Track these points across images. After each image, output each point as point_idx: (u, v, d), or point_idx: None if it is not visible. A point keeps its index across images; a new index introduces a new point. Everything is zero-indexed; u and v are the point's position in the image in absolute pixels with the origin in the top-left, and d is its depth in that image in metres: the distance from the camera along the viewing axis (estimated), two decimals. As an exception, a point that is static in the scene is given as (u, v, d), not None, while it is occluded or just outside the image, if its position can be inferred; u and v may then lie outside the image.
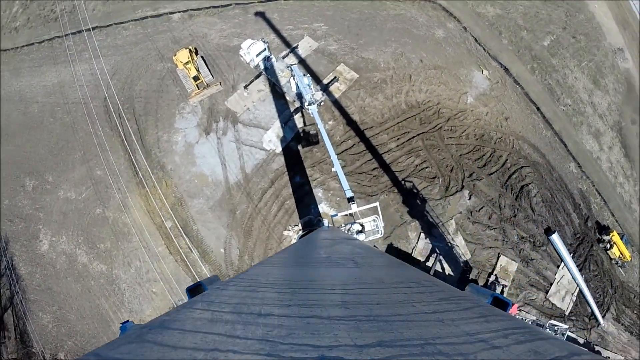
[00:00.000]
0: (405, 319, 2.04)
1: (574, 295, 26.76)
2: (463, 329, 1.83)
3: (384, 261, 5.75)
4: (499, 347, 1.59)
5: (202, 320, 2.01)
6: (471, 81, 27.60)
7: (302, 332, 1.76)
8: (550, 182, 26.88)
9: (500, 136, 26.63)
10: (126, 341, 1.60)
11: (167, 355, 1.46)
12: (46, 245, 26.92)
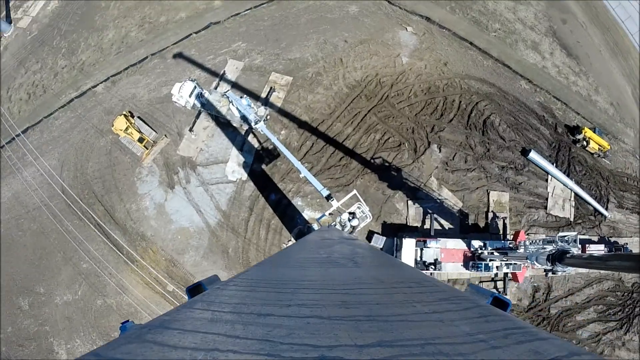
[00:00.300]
0: (405, 319, 2.04)
1: (572, 201, 27.10)
2: (463, 329, 1.83)
3: (384, 261, 5.74)
4: (499, 347, 1.58)
5: (202, 320, 1.99)
6: (399, 42, 27.73)
7: (302, 332, 1.75)
8: (509, 106, 27.16)
9: (446, 82, 26.80)
10: (126, 341, 1.58)
11: (167, 355, 1.45)
12: (64, 355, 26.27)
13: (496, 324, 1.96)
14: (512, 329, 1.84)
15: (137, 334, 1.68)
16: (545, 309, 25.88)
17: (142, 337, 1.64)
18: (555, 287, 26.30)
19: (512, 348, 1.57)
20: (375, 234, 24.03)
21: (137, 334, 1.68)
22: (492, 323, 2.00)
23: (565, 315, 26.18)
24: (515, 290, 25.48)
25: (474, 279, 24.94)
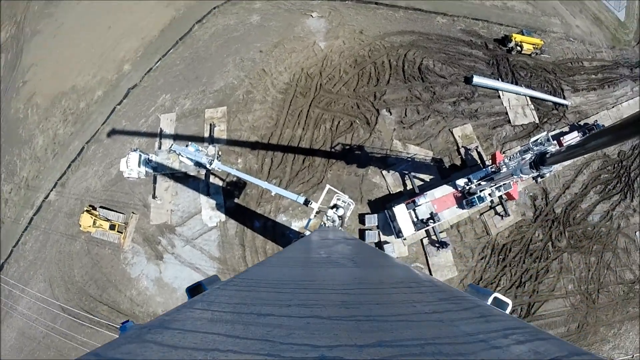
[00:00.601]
0: (405, 319, 2.03)
1: (530, 105, 27.50)
2: (463, 329, 1.82)
3: (384, 261, 5.67)
4: (499, 347, 1.58)
5: (202, 320, 1.99)
6: (310, 30, 27.74)
7: (302, 332, 1.75)
8: (435, 45, 27.42)
9: (369, 48, 26.91)
10: (126, 341, 1.58)
11: (167, 355, 1.45)
12: None
13: (496, 324, 1.95)
14: (512, 329, 1.84)
15: (137, 334, 1.67)
16: (550, 212, 26.22)
17: (142, 337, 1.63)
18: (550, 188, 26.66)
19: (512, 348, 1.57)
20: (366, 215, 23.97)
21: (137, 334, 1.67)
22: (492, 323, 1.99)
23: (571, 209, 26.57)
24: (516, 207, 25.74)
25: (475, 214, 25.12)
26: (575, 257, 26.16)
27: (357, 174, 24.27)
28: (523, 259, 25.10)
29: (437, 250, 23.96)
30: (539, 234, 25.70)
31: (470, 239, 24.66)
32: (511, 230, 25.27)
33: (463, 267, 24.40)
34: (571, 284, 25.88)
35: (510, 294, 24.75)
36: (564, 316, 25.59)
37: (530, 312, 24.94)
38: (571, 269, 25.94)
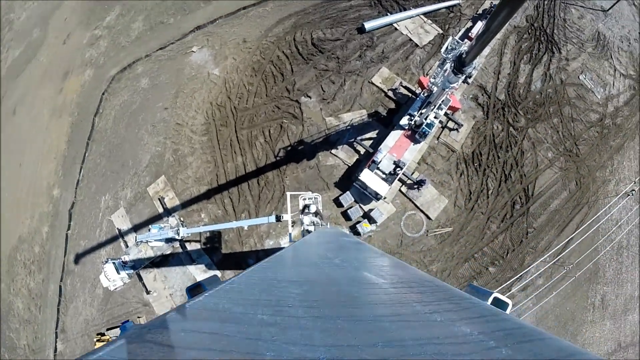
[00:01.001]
0: (404, 319, 2.03)
1: (427, 20, 27.78)
2: (463, 329, 1.81)
3: (384, 261, 5.47)
4: (499, 347, 1.57)
5: (201, 320, 1.97)
6: (199, 64, 27.40)
7: (300, 332, 1.74)
8: (315, 16, 27.48)
9: (259, 52, 26.76)
10: (126, 341, 1.57)
11: (167, 355, 1.45)
12: None
13: (496, 324, 1.95)
14: (512, 329, 1.84)
15: (137, 334, 1.66)
16: (496, 102, 26.62)
17: (142, 337, 1.62)
18: (484, 81, 27.07)
19: (512, 348, 1.56)
20: (339, 197, 23.85)
21: (137, 334, 1.66)
22: (492, 323, 1.98)
23: (512, 89, 27.03)
24: (464, 115, 26.03)
25: (432, 141, 25.29)
26: (540, 127, 26.65)
27: (311, 167, 24.13)
28: (496, 155, 25.41)
29: (419, 191, 24.03)
30: (497, 126, 26.06)
31: (441, 165, 24.82)
32: (472, 137, 25.54)
33: (449, 192, 24.56)
34: (549, 151, 26.36)
35: (502, 191, 25.05)
36: (559, 182, 26.06)
37: (529, 197, 25.30)
38: (541, 139, 26.41)
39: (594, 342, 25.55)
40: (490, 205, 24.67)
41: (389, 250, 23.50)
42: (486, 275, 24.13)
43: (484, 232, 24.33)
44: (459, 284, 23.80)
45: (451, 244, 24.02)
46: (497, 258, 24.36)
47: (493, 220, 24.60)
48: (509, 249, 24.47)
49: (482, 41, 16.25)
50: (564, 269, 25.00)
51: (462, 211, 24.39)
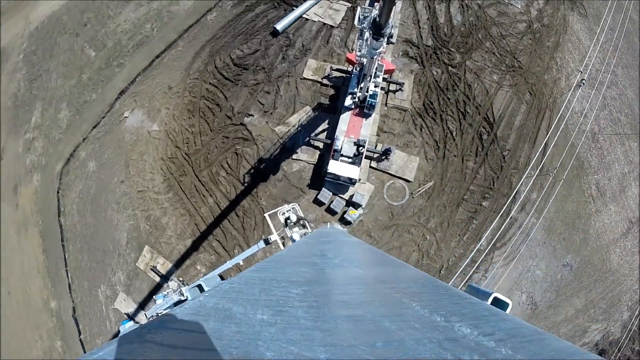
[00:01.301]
0: (405, 319, 2.00)
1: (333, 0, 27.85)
2: (463, 330, 1.79)
3: (384, 261, 5.43)
4: (499, 347, 1.55)
5: (200, 320, 1.92)
6: (136, 127, 27.03)
7: (303, 332, 1.73)
8: (226, 37, 27.35)
9: (188, 92, 26.54)
10: (126, 341, 1.55)
11: (167, 355, 1.44)
12: None
13: (496, 324, 1.93)
14: (512, 329, 1.84)
15: (137, 334, 1.64)
16: (426, 49, 26.83)
17: (142, 337, 1.60)
18: (407, 34, 27.27)
19: (512, 348, 1.55)
20: (317, 196, 23.77)
21: (137, 334, 1.64)
22: (492, 323, 1.96)
23: (436, 31, 27.29)
24: (402, 73, 26.19)
25: (382, 110, 25.37)
26: (476, 56, 26.95)
27: (280, 179, 24.00)
28: (446, 98, 25.63)
29: (388, 160, 24.09)
30: (436, 71, 26.27)
31: (399, 127, 24.93)
32: (416, 90, 25.71)
33: (417, 149, 24.69)
34: (493, 75, 26.69)
35: (465, 128, 25.27)
36: (514, 98, 26.42)
37: (492, 123, 25.58)
38: (482, 66, 26.72)
39: (607, 229, 26.00)
40: (459, 146, 24.87)
41: (383, 225, 23.53)
42: (482, 211, 24.34)
43: (463, 173, 24.52)
44: (460, 231, 23.98)
45: (438, 196, 24.14)
46: (485, 191, 24.58)
47: (467, 158, 24.80)
48: (493, 178, 24.72)
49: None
50: (550, 175, 25.36)
51: (435, 162, 24.53)
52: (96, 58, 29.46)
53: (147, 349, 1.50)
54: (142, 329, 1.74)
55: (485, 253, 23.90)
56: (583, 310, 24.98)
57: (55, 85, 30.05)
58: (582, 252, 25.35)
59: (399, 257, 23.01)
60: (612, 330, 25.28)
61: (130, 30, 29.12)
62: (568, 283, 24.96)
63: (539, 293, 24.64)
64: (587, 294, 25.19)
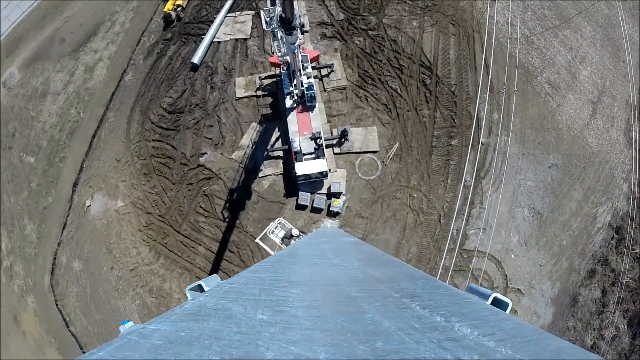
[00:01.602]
0: (405, 319, 2.00)
1: (236, 15, 27.66)
2: (463, 330, 1.79)
3: (384, 261, 5.51)
4: (499, 347, 1.55)
5: (199, 320, 1.96)
6: (103, 211, 26.56)
7: (303, 332, 1.73)
8: (150, 88, 27.06)
9: (137, 155, 26.17)
10: (126, 340, 1.58)
11: (167, 355, 1.45)
12: None
13: (496, 325, 1.94)
14: (512, 329, 1.83)
15: (137, 334, 1.67)
16: (342, 24, 26.87)
17: (142, 337, 1.63)
18: (317, 17, 27.27)
19: (512, 348, 1.55)
20: (298, 202, 23.64)
21: (137, 334, 1.67)
22: (492, 323, 1.97)
23: (343, 2, 27.34)
24: (328, 55, 26.22)
25: (323, 97, 25.35)
26: (389, 11, 27.11)
27: (256, 202, 23.83)
28: (377, 61, 25.74)
29: (348, 140, 24.10)
30: (358, 40, 26.36)
31: (346, 106, 24.96)
32: (348, 65, 25.78)
33: (371, 119, 24.77)
34: (412, 21, 26.89)
35: (406, 81, 25.39)
36: (440, 35, 26.66)
37: (429, 67, 25.74)
38: (398, 18, 26.91)
39: (574, 118, 26.46)
40: (408, 100, 25.00)
41: (370, 202, 23.54)
42: (454, 149, 24.52)
43: (422, 123, 24.67)
44: (442, 177, 24.13)
45: (408, 153, 24.25)
46: (450, 130, 24.77)
47: (420, 108, 24.95)
48: (451, 116, 24.92)
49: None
50: (502, 91, 25.68)
51: (392, 123, 24.62)
52: (37, 162, 28.78)
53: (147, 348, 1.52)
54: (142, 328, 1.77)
55: (473, 187, 24.12)
56: (584, 200, 25.38)
57: (9, 204, 29.29)
58: (561, 148, 25.76)
59: (396, 224, 23.10)
60: (619, 206, 25.74)
61: (57, 122, 28.52)
62: (560, 181, 25.34)
63: (538, 201, 24.96)
64: (582, 184, 25.62)
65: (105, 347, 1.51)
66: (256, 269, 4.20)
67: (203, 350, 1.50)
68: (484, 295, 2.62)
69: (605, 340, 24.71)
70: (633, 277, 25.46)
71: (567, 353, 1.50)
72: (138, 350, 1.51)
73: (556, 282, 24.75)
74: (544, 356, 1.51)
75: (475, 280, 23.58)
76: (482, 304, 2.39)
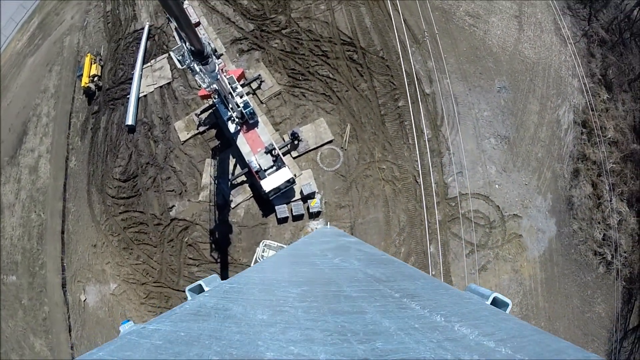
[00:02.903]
0: (405, 319, 2.00)
1: (150, 63, 27.36)
2: (463, 330, 1.78)
3: (384, 261, 5.48)
4: (499, 347, 1.55)
5: (198, 319, 1.95)
6: (99, 298, 26.13)
7: (303, 332, 1.73)
8: (99, 159, 26.60)
9: (109, 233, 25.77)
10: (126, 340, 1.58)
11: (167, 355, 1.45)
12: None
13: (496, 324, 1.93)
14: (512, 329, 1.82)
15: (137, 334, 1.67)
16: (255, 34, 26.78)
17: (142, 337, 1.63)
18: (224, 36, 27.14)
19: (512, 348, 1.54)
20: (277, 217, 23.50)
21: (137, 334, 1.67)
22: (492, 323, 1.96)
23: (236, 13, 27.25)
24: (252, 68, 26.12)
25: (263, 109, 25.24)
26: (294, 4, 27.08)
27: (239, 232, 23.66)
28: (300, 56, 25.72)
29: (302, 140, 24.08)
30: (275, 43, 26.32)
31: (287, 110, 24.95)
32: (273, 69, 25.75)
33: (315, 112, 24.80)
34: (319, 6, 26.92)
35: (333, 63, 25.39)
36: (351, 9, 26.73)
37: (351, 42, 25.80)
38: (305, 8, 26.91)
39: (504, 37, 26.76)
40: (343, 81, 25.04)
41: (345, 189, 23.54)
42: (403, 110, 24.63)
43: (365, 97, 24.74)
44: (402, 139, 24.23)
45: (362, 130, 24.29)
46: (393, 94, 24.88)
47: (357, 84, 25.01)
48: (389, 80, 25.04)
49: (183, 27, 15.66)
50: (426, 37, 25.83)
51: (337, 108, 24.65)
52: (19, 278, 28.16)
53: (147, 348, 1.51)
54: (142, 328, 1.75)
55: (435, 137, 24.28)
56: (542, 109, 25.74)
57: (10, 329, 28.60)
58: (503, 70, 26.06)
59: (376, 200, 23.13)
60: (576, 102, 26.18)
61: (23, 232, 27.94)
62: (513, 100, 25.65)
63: (501, 126, 25.23)
64: (534, 95, 25.96)
65: (105, 347, 1.50)
66: (256, 269, 4.17)
67: (203, 350, 1.49)
68: (483, 295, 2.64)
69: (613, 228, 25.07)
70: (615, 161, 25.91)
71: (567, 353, 1.49)
72: (138, 350, 1.50)
73: (547, 194, 25.04)
74: (544, 356, 1.51)
75: (470, 222, 23.73)
76: (482, 304, 2.39)
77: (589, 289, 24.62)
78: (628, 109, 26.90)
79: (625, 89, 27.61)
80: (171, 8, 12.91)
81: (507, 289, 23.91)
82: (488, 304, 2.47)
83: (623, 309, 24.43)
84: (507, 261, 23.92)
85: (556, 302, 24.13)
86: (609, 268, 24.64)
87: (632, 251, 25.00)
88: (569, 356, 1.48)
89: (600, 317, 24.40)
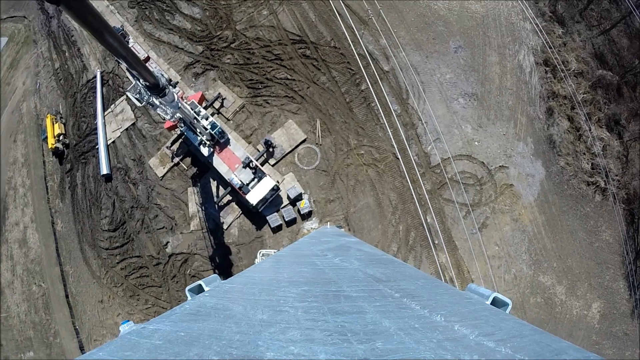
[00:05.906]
0: (405, 319, 1.99)
1: (110, 109, 27.25)
2: (463, 330, 1.77)
3: (383, 260, 5.51)
4: (499, 347, 1.55)
5: (202, 320, 1.93)
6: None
7: (303, 332, 1.73)
8: (84, 217, 26.39)
9: (113, 285, 25.58)
10: (126, 340, 1.59)
11: (167, 355, 1.45)
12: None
13: (496, 325, 1.93)
14: (512, 329, 1.82)
15: (137, 334, 1.67)
16: (206, 54, 26.74)
17: (142, 337, 1.62)
18: (176, 66, 27.07)
19: (512, 348, 1.53)
20: (270, 226, 23.44)
21: (137, 334, 1.67)
22: (492, 323, 1.96)
23: (199, 39, 27.20)
24: (212, 90, 26.05)
25: (235, 116, 25.20)
26: (236, 16, 27.06)
27: (237, 251, 23.58)
28: (255, 66, 25.69)
29: (276, 146, 24.09)
30: (228, 59, 26.26)
31: (255, 121, 24.91)
32: (231, 85, 25.67)
33: (283, 116, 24.81)
34: (262, 12, 26.90)
35: (288, 64, 25.39)
36: (292, 8, 26.74)
37: (300, 39, 25.81)
38: (248, 17, 26.88)
39: None
40: (302, 79, 25.04)
41: (329, 183, 23.54)
42: (367, 92, 24.67)
43: (326, 89, 24.80)
44: (373, 121, 24.28)
45: (332, 122, 24.32)
46: (353, 80, 24.94)
47: (317, 78, 25.05)
48: (346, 67, 25.09)
49: (133, 65, 15.43)
50: (371, 16, 25.90)
51: (303, 107, 24.67)
52: (36, 353, 27.79)
53: (147, 348, 1.50)
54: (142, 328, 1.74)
55: (403, 111, 24.35)
56: (502, 58, 25.92)
57: (37, 404, 28.28)
58: (454, 30, 26.18)
59: (363, 186, 23.14)
60: (533, 43, 26.40)
61: (29, 307, 27.66)
62: (471, 56, 25.80)
63: (465, 85, 25.36)
64: (491, 46, 26.13)
65: (105, 347, 1.50)
66: (256, 269, 4.16)
67: (203, 350, 1.49)
68: (483, 295, 2.63)
69: (599, 156, 25.27)
70: (584, 91, 26.12)
71: (567, 353, 1.49)
72: (138, 350, 1.50)
73: (527, 138, 25.20)
74: (544, 356, 1.50)
75: (459, 184, 23.80)
76: (482, 304, 2.39)
77: (591, 220, 24.78)
78: (585, 38, 27.13)
79: (578, 19, 27.86)
80: (117, 50, 12.78)
81: (512, 239, 24.01)
82: (488, 304, 2.47)
83: (629, 231, 24.62)
84: (504, 213, 24.03)
85: (562, 240, 24.26)
86: (604, 195, 24.82)
87: (623, 173, 25.21)
88: (569, 356, 1.47)
89: (608, 244, 24.57)
